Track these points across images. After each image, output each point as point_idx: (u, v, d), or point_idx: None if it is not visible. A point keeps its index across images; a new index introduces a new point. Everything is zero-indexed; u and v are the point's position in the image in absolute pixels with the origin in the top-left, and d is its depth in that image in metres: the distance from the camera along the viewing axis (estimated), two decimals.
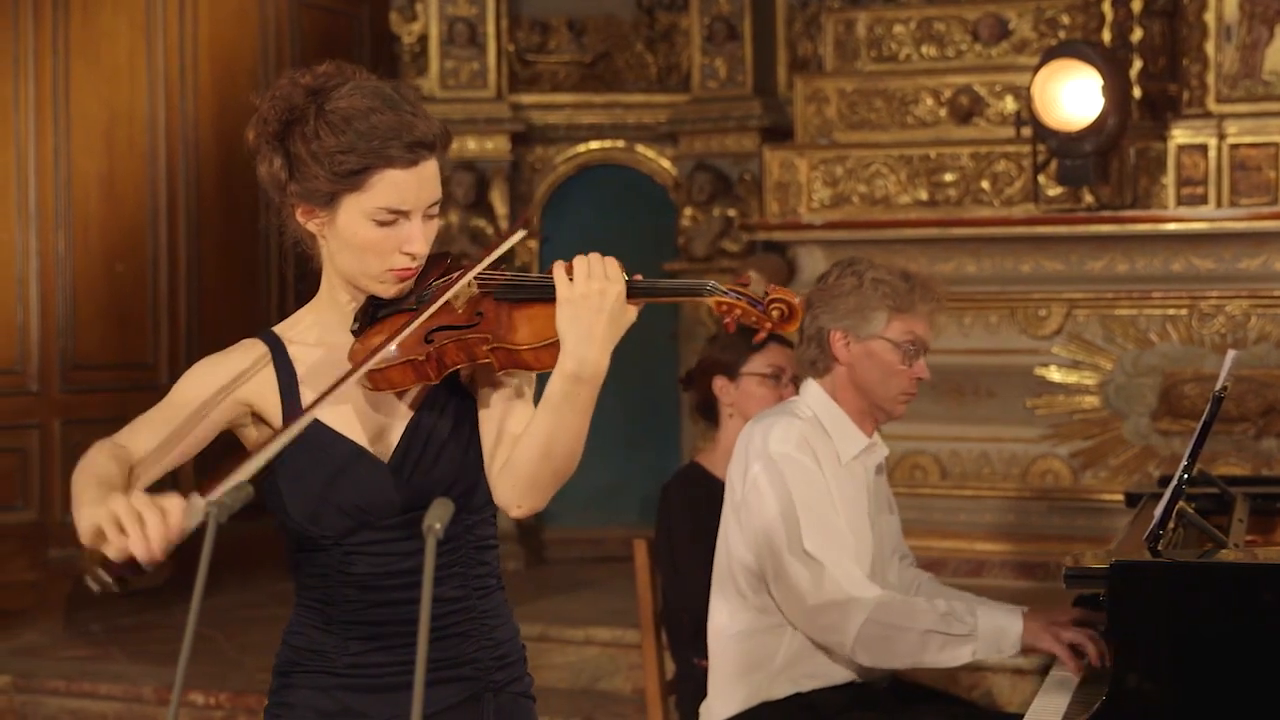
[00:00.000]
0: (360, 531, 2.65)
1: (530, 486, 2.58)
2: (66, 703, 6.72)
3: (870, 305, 3.83)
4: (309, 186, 2.59)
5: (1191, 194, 6.95)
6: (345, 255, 2.63)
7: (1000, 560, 7.14)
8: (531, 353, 2.52)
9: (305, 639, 2.74)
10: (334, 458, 2.64)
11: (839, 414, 3.88)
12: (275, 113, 2.60)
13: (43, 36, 7.78)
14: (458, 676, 2.72)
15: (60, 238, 7.85)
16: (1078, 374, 7.15)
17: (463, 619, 2.72)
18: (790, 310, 2.52)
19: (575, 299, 2.47)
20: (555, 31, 9.27)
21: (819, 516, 3.74)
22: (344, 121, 2.55)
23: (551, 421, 2.52)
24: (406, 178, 2.56)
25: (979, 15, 7.79)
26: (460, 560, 2.70)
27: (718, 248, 8.80)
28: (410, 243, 2.58)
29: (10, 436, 7.69)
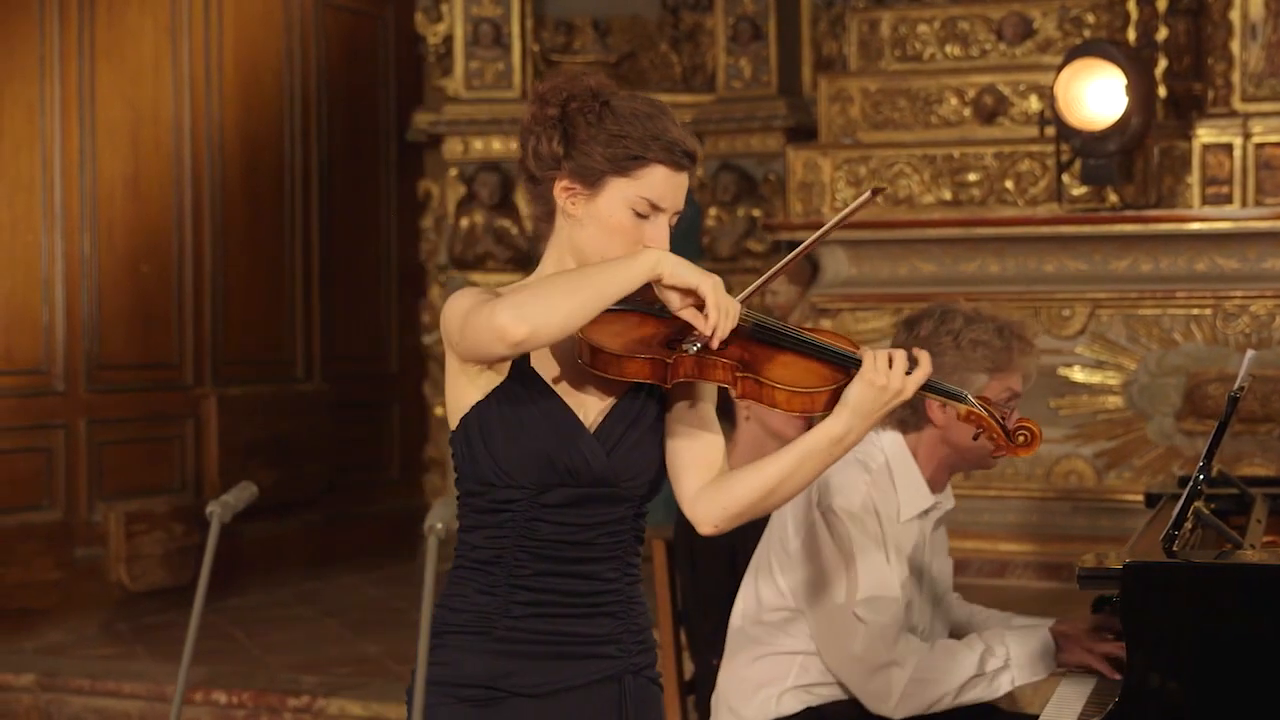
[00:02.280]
0: (554, 491, 2.79)
1: (736, 515, 2.82)
2: (91, 701, 6.74)
3: (968, 368, 3.72)
4: (583, 164, 2.78)
5: (1216, 193, 6.93)
6: (592, 234, 2.81)
7: (1023, 561, 7.13)
8: (786, 394, 2.73)
9: (465, 601, 2.83)
10: (551, 415, 2.79)
11: (913, 471, 3.79)
12: (557, 97, 2.81)
13: (68, 38, 7.81)
14: (604, 654, 2.86)
15: (85, 239, 7.88)
16: (1101, 374, 7.13)
17: (614, 600, 2.87)
18: (1032, 437, 2.80)
19: (875, 383, 2.74)
20: (580, 32, 9.28)
21: (873, 577, 3.69)
22: (630, 115, 2.78)
23: (793, 468, 2.78)
24: (670, 177, 2.79)
25: (1003, 14, 7.78)
26: (622, 545, 2.86)
27: (742, 248, 8.80)
28: (654, 238, 2.79)
29: (36, 436, 7.72)
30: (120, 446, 8.04)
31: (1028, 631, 3.74)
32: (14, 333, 7.63)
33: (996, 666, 3.65)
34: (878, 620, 3.66)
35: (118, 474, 7.98)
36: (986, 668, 3.65)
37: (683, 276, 2.69)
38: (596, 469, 2.79)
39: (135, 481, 8.05)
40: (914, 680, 3.64)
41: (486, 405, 2.79)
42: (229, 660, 7.00)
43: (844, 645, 3.70)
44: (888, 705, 3.67)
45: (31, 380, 7.73)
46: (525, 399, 2.79)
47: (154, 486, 8.11)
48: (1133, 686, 3.07)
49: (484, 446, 2.79)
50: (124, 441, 8.06)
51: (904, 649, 3.65)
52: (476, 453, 2.80)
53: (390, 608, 8.13)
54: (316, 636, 7.50)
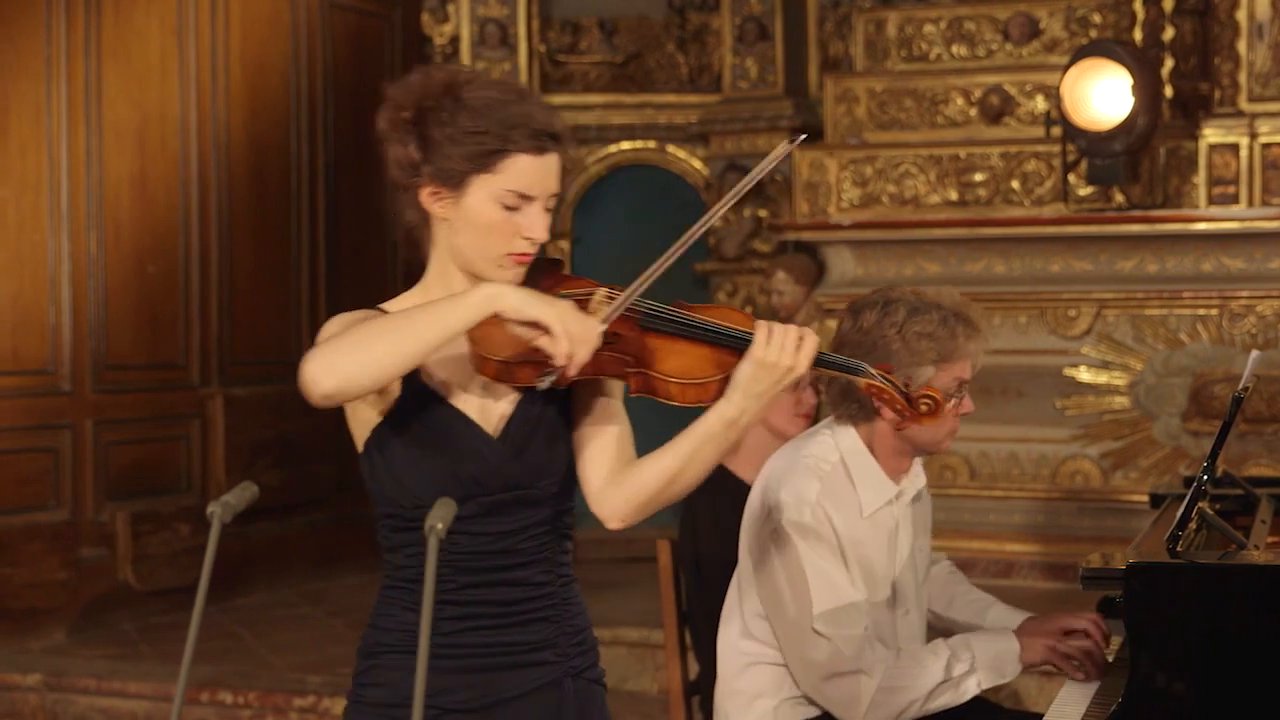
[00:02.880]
0: (464, 503, 2.69)
1: (641, 506, 2.75)
2: (96, 701, 6.75)
3: (915, 361, 3.62)
4: (443, 166, 2.69)
5: (1223, 193, 6.93)
6: (467, 236, 2.73)
7: (1029, 561, 7.12)
8: (679, 386, 2.65)
9: (395, 620, 2.79)
10: (449, 428, 2.74)
11: (870, 464, 3.73)
12: (410, 99, 2.72)
13: (74, 38, 7.82)
14: (542, 660, 2.81)
15: (92, 239, 7.89)
16: (1107, 374, 7.12)
17: (547, 604, 2.80)
18: (936, 405, 2.73)
19: (766, 364, 2.63)
20: (586, 32, 9.28)
21: (830, 590, 3.63)
22: (483, 107, 2.68)
23: (689, 454, 2.69)
24: (535, 164, 2.69)
25: (1010, 14, 7.77)
26: (548, 547, 2.80)
27: (748, 248, 8.80)
28: (531, 228, 2.70)
29: (43, 436, 7.73)
30: (127, 447, 8.04)
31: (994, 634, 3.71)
32: (21, 333, 7.64)
33: (963, 671, 3.61)
34: (839, 633, 3.61)
35: (124, 474, 7.99)
36: (953, 673, 3.60)
37: (524, 312, 2.58)
38: (504, 475, 2.74)
39: (142, 482, 8.06)
40: (882, 689, 3.59)
41: (384, 427, 2.73)
42: (235, 660, 7.01)
43: (807, 660, 3.65)
44: (856, 714, 3.63)
45: (38, 380, 7.73)
46: (422, 415, 2.73)
47: (160, 487, 8.11)
48: (1136, 687, 3.07)
49: (386, 469, 2.74)
50: (130, 442, 8.06)
51: (870, 658, 3.60)
52: (381, 476, 2.75)
53: None
54: (322, 636, 7.50)
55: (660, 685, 6.36)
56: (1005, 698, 5.66)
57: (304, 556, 8.75)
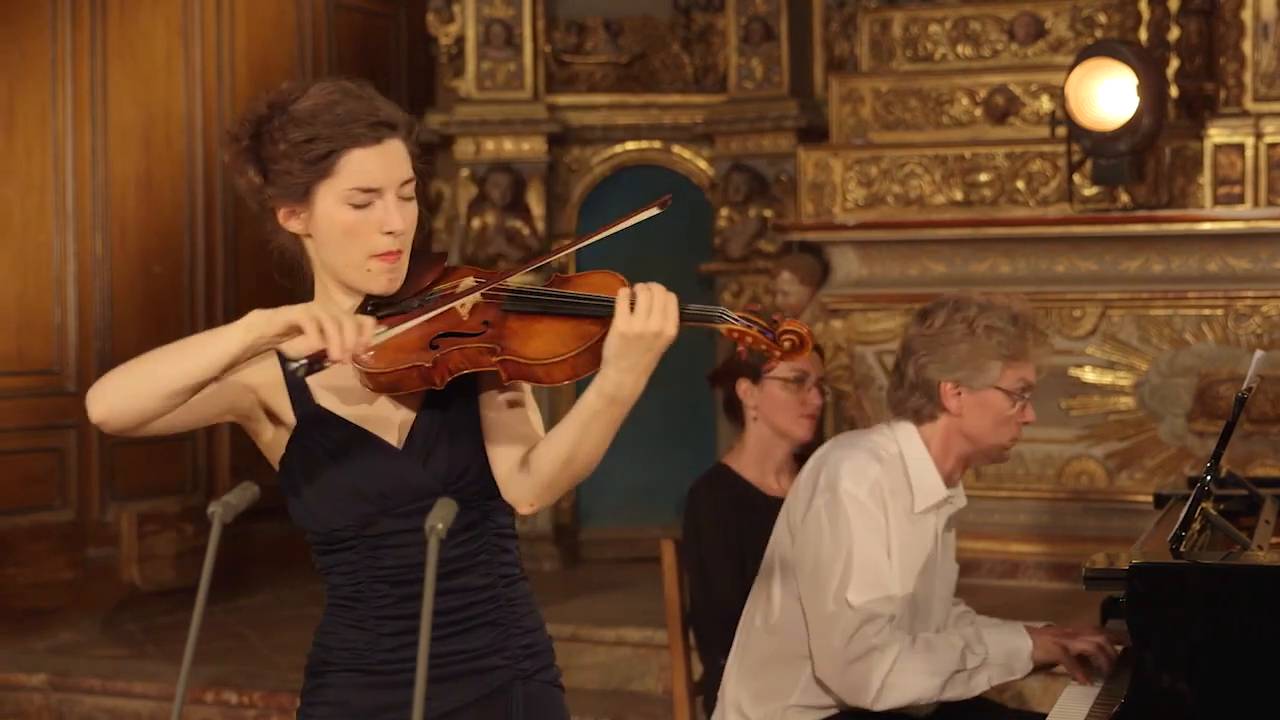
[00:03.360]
0: (381, 520, 2.69)
1: (547, 488, 2.66)
2: (102, 701, 6.76)
3: (984, 355, 3.70)
4: (284, 183, 2.66)
5: (1228, 193, 6.92)
6: (329, 247, 2.68)
7: (1035, 562, 7.11)
8: (544, 368, 2.56)
9: (337, 638, 2.76)
10: (349, 447, 2.69)
11: (927, 463, 3.77)
12: (245, 128, 2.70)
13: (80, 38, 7.83)
14: (489, 666, 2.76)
15: (98, 239, 7.89)
16: (1112, 374, 7.11)
17: (491, 607, 2.76)
18: (800, 341, 2.59)
19: (631, 335, 2.53)
20: (591, 32, 9.28)
21: (870, 566, 3.66)
22: (309, 115, 2.64)
23: (578, 433, 2.60)
24: (373, 156, 2.64)
25: (1015, 14, 7.76)
26: (485, 548, 2.75)
27: (754, 248, 8.79)
28: (388, 222, 2.64)
29: (48, 436, 7.74)
30: (132, 447, 8.04)
31: (1005, 628, 3.72)
32: (26, 333, 7.65)
33: (975, 664, 3.63)
34: (868, 609, 3.63)
35: (129, 474, 7.99)
36: (967, 664, 3.62)
37: (280, 320, 2.51)
38: (412, 485, 2.68)
39: (147, 482, 8.06)
40: (896, 671, 3.61)
41: (288, 457, 2.70)
42: (239, 660, 7.01)
43: (831, 632, 3.67)
44: (867, 697, 3.64)
45: (43, 380, 7.74)
46: (319, 440, 2.68)
47: (166, 487, 8.12)
48: (1139, 688, 3.07)
49: (296, 498, 2.71)
50: (136, 442, 8.06)
51: (887, 639, 3.63)
52: (294, 507, 2.72)
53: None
54: None
55: (664, 685, 6.36)
56: (1010, 698, 5.66)
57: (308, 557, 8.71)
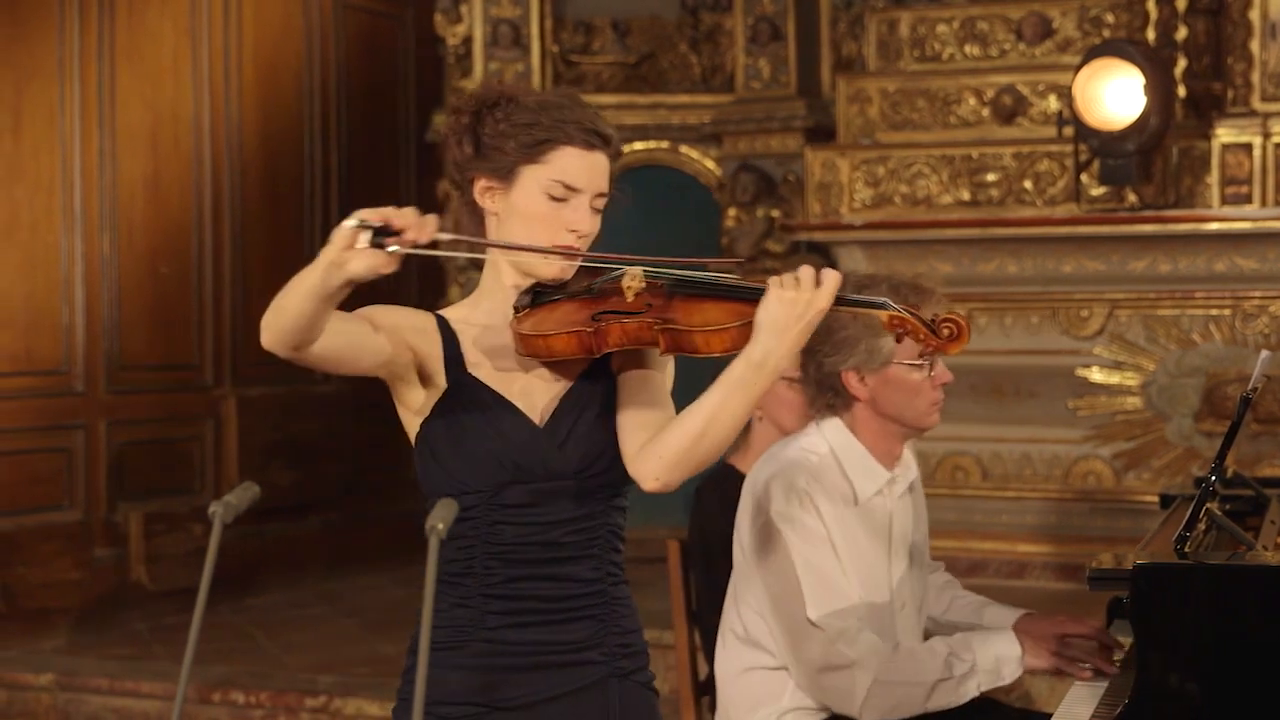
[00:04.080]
0: (509, 489, 2.75)
1: (677, 463, 2.69)
2: (109, 701, 6.77)
3: (874, 334, 3.67)
4: (494, 159, 2.79)
5: (1235, 193, 6.90)
6: (515, 228, 2.79)
7: (1042, 562, 7.10)
8: (702, 335, 2.65)
9: (441, 616, 2.80)
10: (495, 414, 2.77)
11: (859, 451, 3.75)
12: (470, 104, 2.84)
13: (88, 40, 7.84)
14: (588, 660, 2.81)
15: (105, 240, 7.91)
16: (1120, 375, 7.10)
17: (596, 602, 2.82)
18: (958, 330, 2.66)
19: (784, 298, 2.60)
20: (599, 32, 9.28)
21: (820, 579, 3.63)
22: (538, 106, 2.80)
23: (720, 401, 2.65)
24: (582, 158, 2.78)
25: (1023, 14, 7.75)
26: (598, 542, 2.82)
27: (761, 248, 8.79)
28: (577, 222, 2.77)
29: (56, 437, 7.75)
30: (140, 447, 8.06)
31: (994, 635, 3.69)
32: (34, 333, 7.66)
33: (963, 671, 3.60)
34: (834, 624, 3.60)
35: (137, 475, 8.01)
36: (954, 671, 3.58)
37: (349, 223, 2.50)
38: (549, 462, 2.76)
39: (155, 482, 8.08)
40: (879, 683, 3.58)
41: (431, 421, 2.78)
42: (247, 660, 7.02)
43: (801, 651, 3.65)
44: (853, 706, 3.62)
45: (52, 381, 7.76)
46: (466, 405, 2.78)
47: (173, 487, 8.13)
48: (1144, 688, 3.06)
49: (434, 461, 2.78)
50: (144, 442, 8.09)
51: (864, 650, 3.60)
52: (429, 468, 2.78)
53: (409, 608, 8.07)
54: (335, 637, 7.51)
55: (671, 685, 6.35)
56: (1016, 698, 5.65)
57: (317, 557, 8.76)
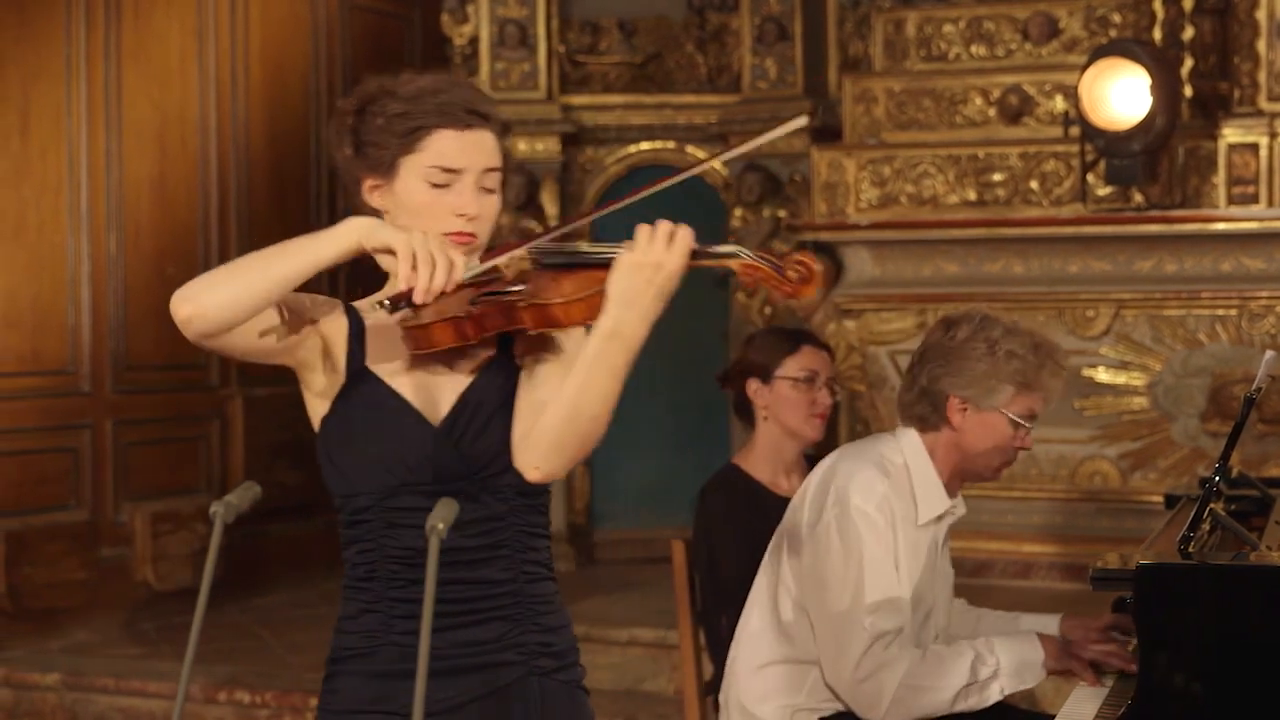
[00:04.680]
0: (400, 494, 2.67)
1: (552, 448, 2.63)
2: (116, 700, 6.77)
3: (998, 377, 3.69)
4: (372, 156, 2.72)
5: (1242, 193, 6.90)
6: (403, 222, 2.70)
7: (1048, 562, 7.10)
8: (561, 307, 2.57)
9: (353, 623, 2.75)
10: (386, 413, 2.69)
11: (931, 473, 3.78)
12: (352, 104, 2.78)
13: (94, 40, 7.85)
14: (500, 661, 2.72)
15: (112, 240, 7.92)
16: (1126, 375, 7.10)
17: (508, 602, 2.72)
18: (809, 273, 2.54)
19: (631, 263, 2.53)
20: (606, 32, 9.28)
21: (882, 585, 3.66)
22: (413, 94, 2.72)
23: (582, 381, 2.58)
24: (459, 139, 2.70)
25: (1029, 14, 7.75)
26: (508, 542, 2.72)
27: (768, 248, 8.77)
28: (462, 205, 2.69)
29: (63, 436, 7.76)
30: (146, 447, 8.07)
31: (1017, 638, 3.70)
32: (41, 333, 7.67)
33: (988, 675, 3.61)
34: (882, 627, 3.63)
35: (144, 474, 8.02)
36: (979, 675, 3.61)
37: (381, 239, 2.56)
38: (440, 464, 2.67)
39: (161, 482, 8.09)
40: (904, 686, 3.60)
41: (330, 416, 2.72)
42: (253, 660, 7.02)
43: (843, 649, 3.66)
44: (877, 711, 3.63)
45: (58, 381, 7.76)
46: (360, 404, 2.70)
47: (180, 487, 8.14)
48: (1147, 688, 3.06)
49: (329, 459, 2.72)
50: (150, 442, 8.09)
51: (896, 654, 3.62)
52: (326, 467, 2.72)
53: None
54: None
55: (677, 685, 6.36)
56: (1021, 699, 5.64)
57: (323, 557, 8.74)
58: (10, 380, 7.57)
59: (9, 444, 7.54)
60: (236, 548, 8.07)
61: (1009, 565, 7.09)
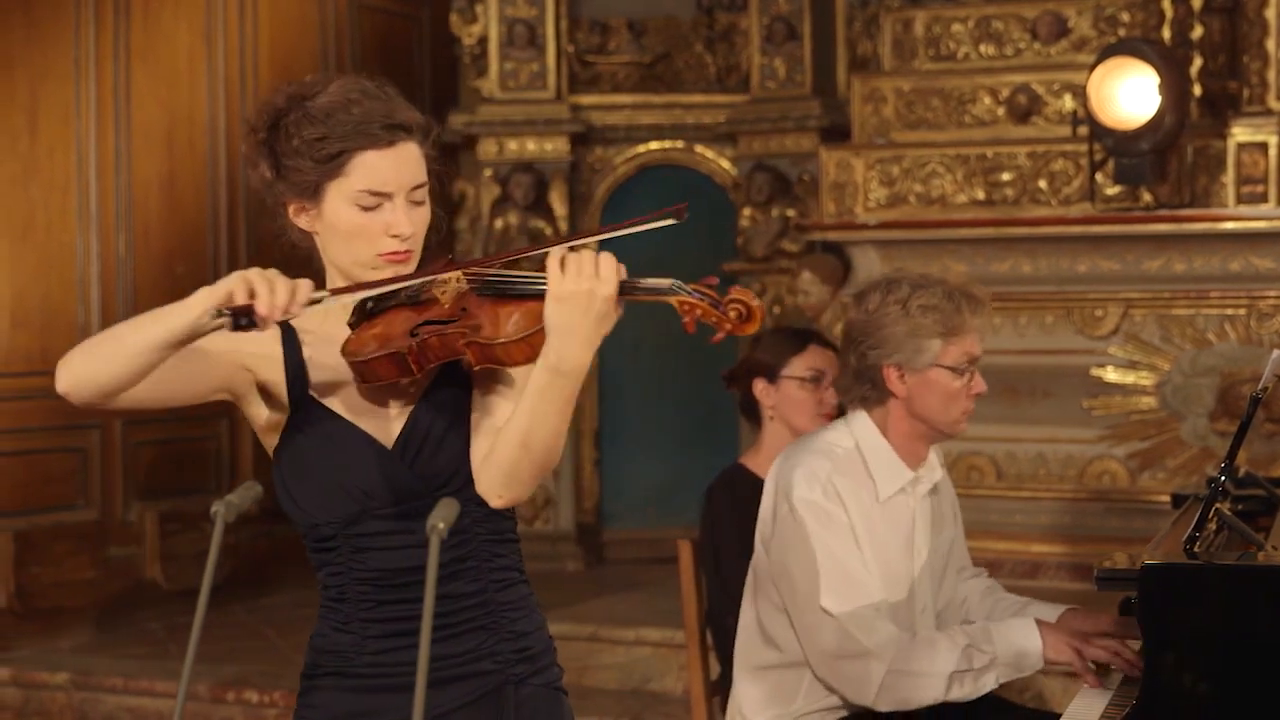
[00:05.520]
0: (363, 520, 2.66)
1: (509, 477, 2.58)
2: (124, 700, 6.78)
3: (921, 334, 3.67)
4: (295, 180, 2.64)
5: (1251, 192, 6.88)
6: (336, 245, 2.66)
7: (1056, 562, 7.08)
8: (503, 348, 2.52)
9: (326, 640, 2.74)
10: (338, 442, 2.66)
11: (884, 448, 3.76)
12: (263, 120, 2.68)
13: (103, 40, 7.86)
14: (477, 671, 2.72)
15: (121, 240, 7.92)
16: (1134, 374, 7.08)
17: (479, 613, 2.72)
18: (748, 311, 2.48)
19: (565, 296, 2.45)
20: (615, 32, 9.28)
21: (839, 568, 3.64)
22: (324, 113, 2.62)
23: (530, 413, 2.53)
24: (384, 159, 2.62)
25: (1038, 13, 7.73)
26: (473, 554, 2.71)
27: (776, 248, 8.78)
28: (395, 225, 2.62)
29: (71, 436, 7.77)
30: (155, 446, 8.08)
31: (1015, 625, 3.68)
32: (49, 333, 7.68)
33: (983, 663, 3.59)
34: (848, 613, 3.61)
35: (152, 474, 8.02)
36: (974, 663, 3.58)
37: (219, 292, 2.45)
38: (395, 486, 2.65)
39: (170, 481, 8.09)
40: (894, 672, 3.58)
41: (281, 448, 2.69)
42: (261, 659, 7.02)
43: (816, 640, 3.66)
44: (868, 695, 3.62)
45: None
46: (309, 433, 2.67)
47: (188, 486, 8.14)
48: (1152, 688, 3.05)
49: (284, 490, 2.70)
50: (159, 441, 8.10)
51: (882, 639, 3.60)
52: (284, 499, 2.70)
53: None
54: None
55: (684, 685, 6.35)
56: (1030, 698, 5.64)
57: None
58: (19, 380, 7.58)
59: (18, 444, 7.55)
60: (244, 548, 8.09)
61: (1017, 565, 7.08)
